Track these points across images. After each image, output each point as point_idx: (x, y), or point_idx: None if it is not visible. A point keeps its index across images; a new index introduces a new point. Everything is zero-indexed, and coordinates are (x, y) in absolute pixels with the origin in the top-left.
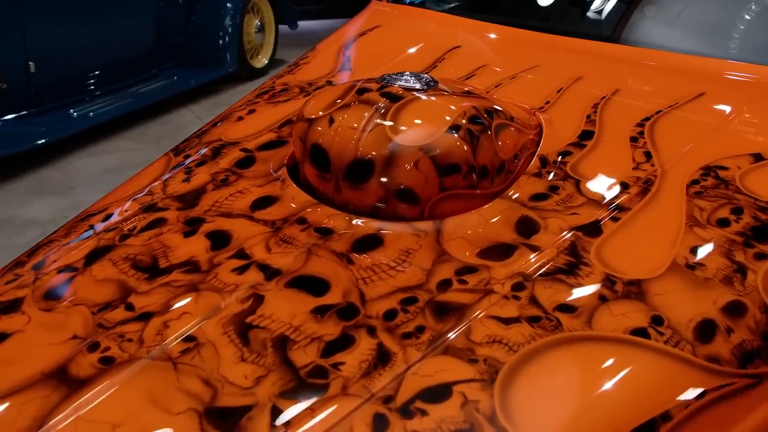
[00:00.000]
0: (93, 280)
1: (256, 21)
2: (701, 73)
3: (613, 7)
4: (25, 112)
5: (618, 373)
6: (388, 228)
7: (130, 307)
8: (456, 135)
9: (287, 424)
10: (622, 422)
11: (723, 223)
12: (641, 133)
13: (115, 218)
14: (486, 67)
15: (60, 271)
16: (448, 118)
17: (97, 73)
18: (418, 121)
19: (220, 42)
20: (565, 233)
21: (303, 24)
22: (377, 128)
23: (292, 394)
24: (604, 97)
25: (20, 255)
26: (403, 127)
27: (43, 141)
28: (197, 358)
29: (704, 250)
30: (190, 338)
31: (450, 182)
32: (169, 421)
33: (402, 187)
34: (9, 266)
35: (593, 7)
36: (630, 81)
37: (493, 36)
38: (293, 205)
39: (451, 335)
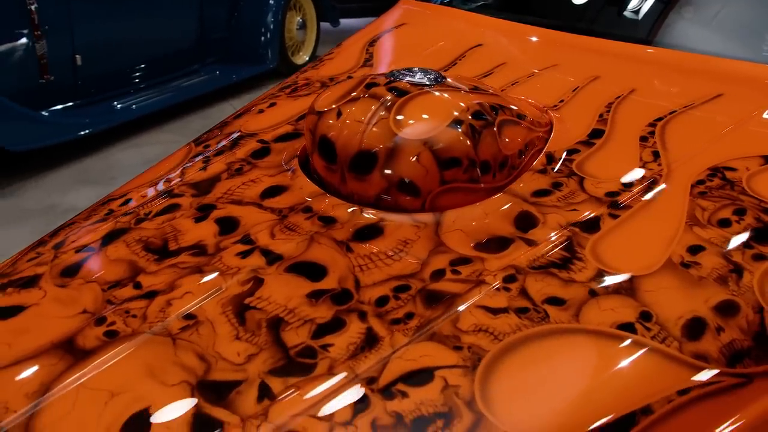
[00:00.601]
0: (107, 259)
1: (298, 18)
2: (721, 74)
3: (644, 8)
4: (70, 104)
5: (600, 365)
6: (389, 218)
7: (137, 286)
8: (458, 130)
9: (273, 399)
10: (601, 413)
11: (724, 223)
12: (652, 133)
13: (133, 203)
14: (505, 65)
15: (77, 250)
16: (450, 113)
17: (140, 66)
18: (421, 116)
19: (262, 38)
20: (562, 229)
21: (344, 22)
22: (381, 122)
23: (280, 371)
24: (620, 96)
25: (44, 235)
26: (406, 121)
27: (87, 132)
28: (195, 334)
29: (701, 250)
30: (190, 316)
31: (450, 176)
32: (163, 391)
33: (403, 179)
34: (33, 245)
35: (629, 7)
36: (647, 81)
37: (515, 35)
38: (301, 195)
39: (439, 322)
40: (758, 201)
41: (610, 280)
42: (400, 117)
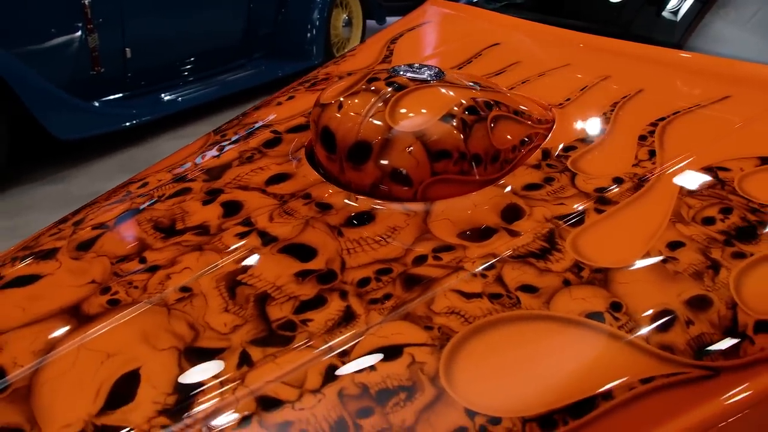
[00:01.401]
0: (118, 236)
1: (344, 15)
2: (732, 75)
3: (677, 10)
4: (119, 95)
5: (564, 351)
6: (381, 206)
7: (143, 260)
8: (449, 124)
9: (251, 366)
10: (561, 396)
11: (708, 221)
12: (652, 132)
13: (149, 186)
14: (519, 63)
15: (94, 227)
16: (443, 107)
17: (188, 60)
18: (415, 110)
19: (308, 35)
20: (546, 221)
21: (390, 20)
22: (378, 114)
23: (261, 342)
24: (626, 96)
25: (68, 213)
26: (401, 114)
27: (133, 122)
28: (189, 306)
29: (680, 246)
30: (185, 289)
31: (441, 167)
32: (153, 354)
33: (396, 169)
34: (56, 222)
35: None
36: (657, 82)
37: (533, 34)
38: (304, 182)
39: (414, 304)
40: (746, 201)
41: (585, 271)
42: (395, 110)
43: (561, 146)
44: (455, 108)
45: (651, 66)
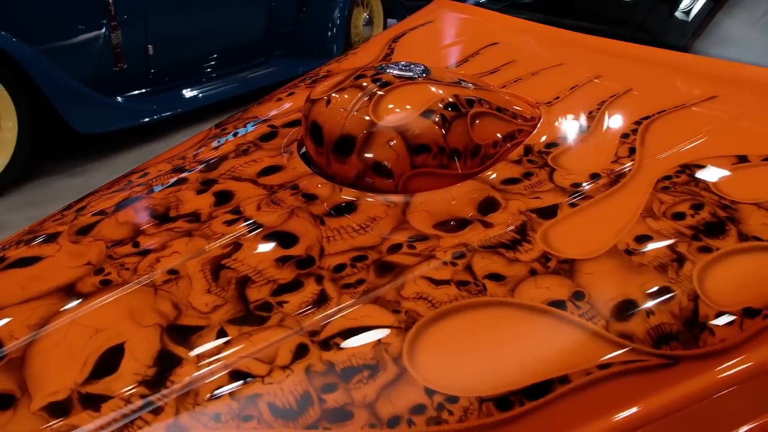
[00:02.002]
0: (116, 222)
1: (365, 14)
2: (721, 76)
3: (689, 10)
4: (141, 91)
5: (523, 336)
6: (363, 197)
7: (136, 245)
8: (429, 119)
9: (226, 343)
10: (518, 378)
11: (678, 216)
12: (635, 131)
13: (149, 176)
14: (514, 62)
15: (94, 213)
16: (424, 103)
17: (209, 58)
18: (397, 105)
19: (329, 33)
20: (520, 214)
21: None
22: (362, 109)
23: (238, 321)
24: (614, 95)
25: (73, 201)
26: (383, 110)
27: (154, 118)
28: (174, 287)
29: (648, 239)
30: (173, 271)
31: (420, 161)
32: (138, 330)
33: (377, 162)
34: (61, 209)
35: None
36: (647, 81)
37: (532, 34)
38: (293, 174)
39: (384, 289)
40: (719, 198)
41: (552, 262)
42: (379, 106)
43: (544, 143)
44: (436, 104)
45: (644, 66)
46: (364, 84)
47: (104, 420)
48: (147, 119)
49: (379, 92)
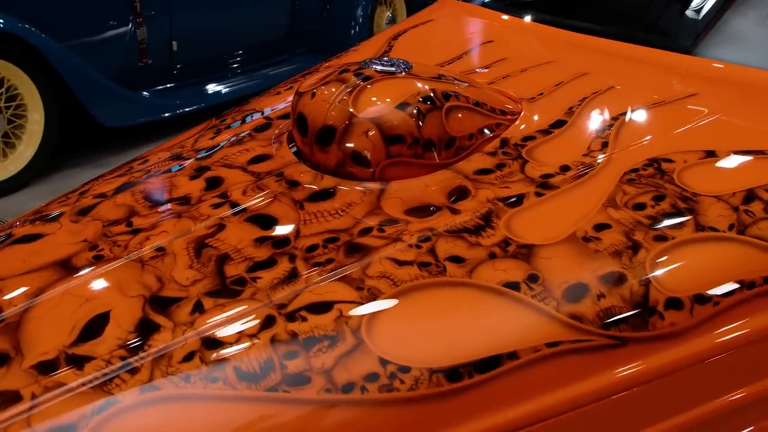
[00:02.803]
0: (114, 204)
1: (388, 13)
2: (703, 74)
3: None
4: (165, 86)
5: (476, 314)
6: (342, 185)
7: (129, 224)
8: (404, 111)
9: (202, 312)
10: (468, 352)
11: (639, 206)
12: (611, 126)
13: (149, 163)
14: (505, 60)
15: (95, 196)
16: (400, 96)
17: (232, 54)
18: (375, 98)
19: (351, 32)
20: (488, 202)
21: None
22: (343, 102)
23: (214, 294)
24: (597, 92)
25: (79, 185)
26: (362, 102)
27: (177, 112)
28: (160, 262)
29: (606, 228)
30: (160, 249)
31: (395, 150)
32: (123, 300)
33: (355, 151)
34: (67, 192)
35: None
36: (631, 79)
37: (527, 33)
38: (280, 163)
39: (351, 268)
40: (681, 190)
41: (511, 247)
42: (358, 99)
43: (520, 136)
44: (412, 98)
45: (631, 64)
46: (347, 78)
47: (86, 378)
48: (170, 114)
49: (359, 86)
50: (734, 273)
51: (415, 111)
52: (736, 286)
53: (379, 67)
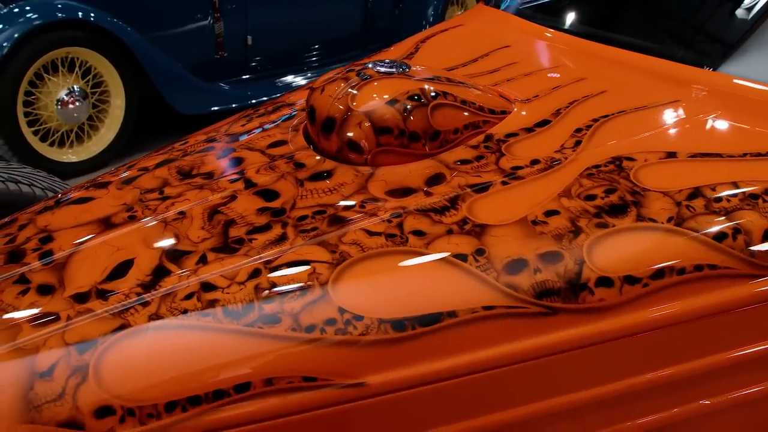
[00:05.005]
0: (152, 176)
1: (459, 12)
2: (691, 81)
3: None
4: (238, 78)
5: (426, 278)
6: (339, 168)
7: (161, 193)
8: (393, 106)
9: (205, 263)
10: (414, 308)
11: (590, 197)
12: (589, 126)
13: (187, 144)
14: (514, 64)
15: (139, 169)
16: (391, 93)
17: (304, 49)
18: (370, 95)
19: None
20: (458, 188)
21: None
22: (343, 97)
23: (216, 249)
24: (587, 95)
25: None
26: (359, 98)
27: (248, 103)
28: (179, 224)
29: (555, 214)
30: (182, 213)
31: (385, 140)
32: (145, 250)
33: (351, 140)
34: (119, 166)
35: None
36: (623, 85)
37: (543, 40)
38: (294, 148)
39: (329, 235)
40: (632, 185)
41: (468, 225)
42: (356, 95)
43: (504, 133)
44: (401, 95)
45: (630, 71)
46: (350, 77)
47: (109, 307)
48: (242, 104)
49: (359, 84)
50: (665, 259)
51: (402, 107)
52: (666, 271)
53: (379, 68)
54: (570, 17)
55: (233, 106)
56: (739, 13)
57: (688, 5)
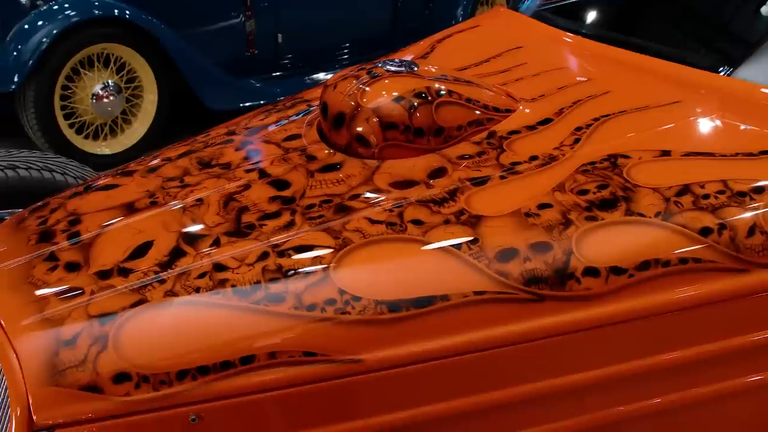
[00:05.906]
0: (174, 166)
1: None
2: (691, 82)
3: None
4: (267, 75)
5: (421, 263)
6: (348, 161)
7: (181, 181)
8: (399, 103)
9: (218, 246)
10: (409, 291)
11: (582, 192)
12: (589, 125)
13: (209, 136)
14: (524, 65)
15: (163, 159)
16: (399, 91)
17: (334, 48)
18: (379, 92)
19: None
20: (458, 181)
21: None
22: (353, 94)
23: (229, 234)
24: (591, 96)
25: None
26: (368, 95)
27: (278, 99)
28: (197, 209)
29: (547, 207)
30: (199, 200)
31: (391, 135)
32: (164, 233)
33: (359, 134)
34: (145, 155)
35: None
36: (629, 85)
37: (555, 42)
38: (307, 141)
39: (334, 222)
40: (624, 181)
41: (464, 216)
42: (365, 92)
43: (508, 130)
44: (407, 93)
45: (636, 73)
46: (360, 75)
47: (129, 284)
48: (270, 101)
49: (368, 81)
50: (651, 252)
51: (408, 103)
52: (651, 263)
53: (388, 67)
54: (584, 20)
55: (262, 102)
56: (744, 21)
57: (693, 11)
